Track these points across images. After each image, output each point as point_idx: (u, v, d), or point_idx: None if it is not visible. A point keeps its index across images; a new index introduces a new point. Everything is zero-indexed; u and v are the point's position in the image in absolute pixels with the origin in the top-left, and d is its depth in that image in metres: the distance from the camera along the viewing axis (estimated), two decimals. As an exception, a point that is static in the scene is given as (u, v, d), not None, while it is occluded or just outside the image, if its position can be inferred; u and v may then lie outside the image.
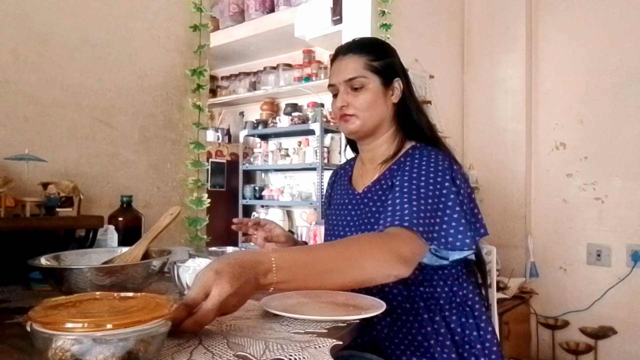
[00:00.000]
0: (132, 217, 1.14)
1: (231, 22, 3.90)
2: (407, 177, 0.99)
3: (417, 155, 1.04)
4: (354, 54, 1.12)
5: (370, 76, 1.10)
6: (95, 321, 0.50)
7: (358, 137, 1.15)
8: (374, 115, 1.11)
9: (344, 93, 1.11)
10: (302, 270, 0.76)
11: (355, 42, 1.16)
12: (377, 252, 0.83)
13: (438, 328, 1.01)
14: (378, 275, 0.84)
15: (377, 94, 1.11)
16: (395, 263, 0.84)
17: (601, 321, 2.53)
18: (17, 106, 1.22)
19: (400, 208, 0.92)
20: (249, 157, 4.07)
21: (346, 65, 1.11)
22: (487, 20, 2.88)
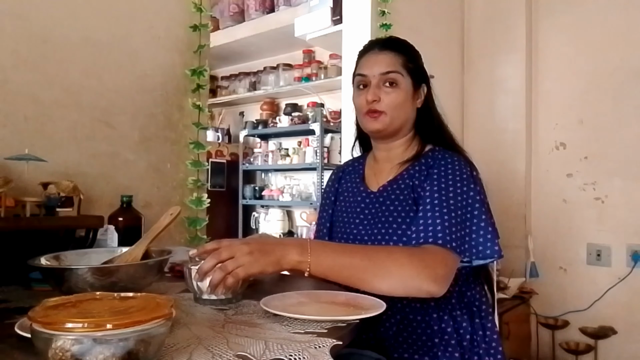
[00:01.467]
0: (132, 217, 1.14)
1: (231, 22, 3.90)
2: (436, 188, 0.99)
3: (443, 162, 1.04)
4: (392, 51, 1.11)
5: (405, 75, 1.10)
6: (95, 321, 0.50)
7: (381, 135, 1.14)
8: (401, 115, 1.10)
9: (376, 87, 1.09)
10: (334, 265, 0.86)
11: (393, 40, 1.16)
12: (411, 266, 0.87)
13: (445, 327, 1.01)
14: (409, 287, 0.88)
15: (408, 94, 1.11)
16: (428, 279, 0.87)
17: (601, 321, 2.53)
18: (17, 106, 1.22)
19: (433, 223, 0.94)
20: (249, 157, 4.07)
21: (384, 58, 1.10)
22: (487, 20, 2.88)
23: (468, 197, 0.99)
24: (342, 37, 2.33)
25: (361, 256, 0.89)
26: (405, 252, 0.91)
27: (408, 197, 1.05)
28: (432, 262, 0.90)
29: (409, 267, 0.87)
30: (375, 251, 0.92)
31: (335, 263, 0.87)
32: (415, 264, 0.88)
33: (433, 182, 1.00)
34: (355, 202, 1.16)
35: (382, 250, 0.92)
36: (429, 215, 0.96)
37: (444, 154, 1.07)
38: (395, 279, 0.87)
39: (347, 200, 1.19)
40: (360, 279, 0.87)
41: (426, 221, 0.95)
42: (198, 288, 0.84)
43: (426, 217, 0.96)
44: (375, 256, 0.89)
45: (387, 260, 0.88)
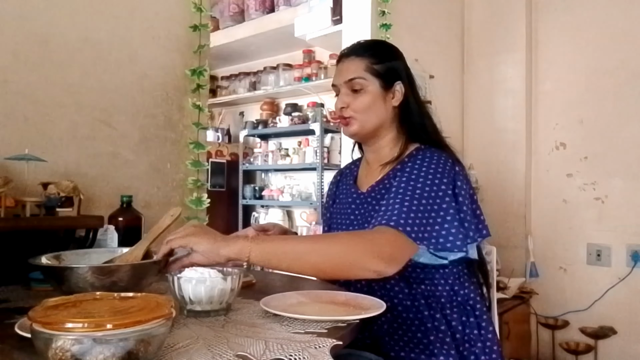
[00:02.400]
0: (132, 217, 1.14)
1: (231, 22, 3.90)
2: (405, 178, 1.00)
3: (420, 157, 1.05)
4: (357, 56, 1.14)
5: (370, 78, 1.11)
6: (95, 321, 0.50)
7: (359, 138, 1.18)
8: (372, 117, 1.12)
9: (344, 94, 1.13)
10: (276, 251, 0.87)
11: (360, 45, 1.19)
12: (356, 246, 0.88)
13: (438, 325, 1.01)
14: (354, 267, 0.88)
15: (375, 96, 1.12)
16: (374, 259, 0.87)
17: (601, 321, 2.53)
18: (17, 106, 1.22)
19: (392, 208, 0.95)
20: (249, 157, 4.07)
21: (348, 66, 1.13)
22: (487, 20, 2.88)
23: (439, 189, 0.98)
24: (342, 37, 2.33)
25: (306, 242, 0.92)
26: (351, 234, 0.94)
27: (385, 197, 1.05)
28: (379, 240, 0.90)
29: (353, 247, 0.87)
30: (321, 237, 0.94)
31: (278, 250, 0.88)
32: (360, 244, 0.88)
33: (404, 174, 1.01)
34: (347, 203, 1.19)
35: (327, 236, 0.94)
36: (390, 202, 0.96)
37: (426, 152, 1.07)
38: (339, 259, 0.87)
39: (342, 202, 1.22)
40: (303, 263, 0.87)
41: (387, 207, 0.95)
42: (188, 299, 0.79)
43: (388, 204, 0.96)
44: (319, 241, 0.93)
45: (331, 242, 0.90)
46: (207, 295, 0.78)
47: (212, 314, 0.79)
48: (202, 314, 0.79)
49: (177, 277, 0.80)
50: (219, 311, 0.80)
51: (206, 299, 0.78)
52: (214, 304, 0.79)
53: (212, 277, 0.80)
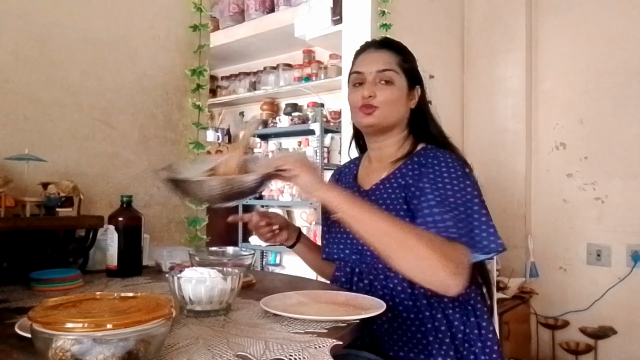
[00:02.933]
0: (132, 217, 1.14)
1: (231, 22, 3.90)
2: (435, 186, 0.99)
3: (436, 161, 1.04)
4: (389, 50, 1.15)
5: (400, 74, 1.13)
6: (95, 321, 0.50)
7: (373, 131, 1.15)
8: (394, 112, 1.12)
9: (372, 84, 1.11)
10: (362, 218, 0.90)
11: (389, 40, 1.21)
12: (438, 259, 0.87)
13: (438, 326, 1.01)
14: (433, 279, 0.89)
15: (402, 93, 1.13)
16: (453, 275, 0.88)
17: (601, 321, 2.53)
18: (17, 106, 1.22)
19: (441, 219, 0.94)
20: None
21: (380, 57, 1.13)
22: (487, 20, 2.88)
23: (466, 192, 0.99)
24: (342, 37, 2.33)
25: (391, 224, 0.90)
26: (434, 242, 0.90)
27: (399, 196, 1.05)
28: (456, 257, 0.90)
29: (436, 259, 0.87)
30: (408, 228, 0.92)
31: (365, 215, 0.90)
32: (442, 257, 0.88)
33: (430, 181, 1.00)
34: None
35: (412, 230, 0.91)
36: (435, 211, 0.95)
37: (436, 152, 1.08)
38: (421, 267, 0.88)
39: None
40: (388, 248, 0.90)
41: (433, 217, 0.94)
42: (188, 299, 0.79)
43: (432, 214, 0.95)
44: (405, 230, 0.91)
45: (418, 244, 0.88)
46: (207, 295, 0.78)
47: (212, 314, 0.79)
48: (202, 314, 0.79)
49: (177, 277, 0.79)
50: (219, 311, 0.80)
51: (206, 299, 0.78)
52: (214, 304, 0.79)
53: (212, 277, 0.80)
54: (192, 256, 1.03)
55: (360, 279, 1.10)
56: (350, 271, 1.12)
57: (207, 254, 1.13)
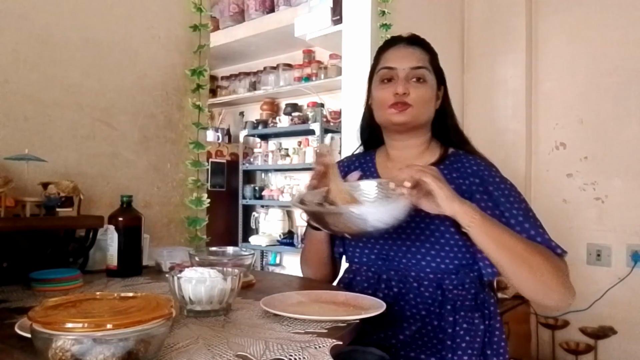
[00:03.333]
0: (132, 217, 1.14)
1: (231, 22, 3.90)
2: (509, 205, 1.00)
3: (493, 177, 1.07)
4: (420, 47, 1.12)
5: (431, 73, 1.11)
6: (95, 321, 0.50)
7: (405, 129, 1.10)
8: (425, 112, 1.10)
9: (406, 80, 1.07)
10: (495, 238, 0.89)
11: (418, 37, 1.16)
12: (563, 282, 0.92)
13: (459, 330, 0.99)
14: (560, 302, 0.93)
15: (433, 92, 1.11)
16: (572, 296, 0.93)
17: (601, 321, 2.53)
18: (17, 106, 1.22)
19: (541, 237, 0.96)
20: (249, 157, 4.07)
21: (412, 53, 1.10)
22: (487, 20, 2.88)
23: (527, 203, 1.03)
24: (342, 37, 2.33)
25: (523, 245, 0.91)
26: (554, 262, 0.93)
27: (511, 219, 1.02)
28: (567, 272, 0.94)
29: (560, 281, 0.91)
30: (534, 247, 0.93)
31: (497, 235, 0.89)
32: (563, 277, 0.92)
33: (500, 200, 1.01)
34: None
35: (537, 250, 0.92)
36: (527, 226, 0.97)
37: (476, 162, 1.09)
38: (539, 279, 0.90)
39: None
40: (514, 266, 0.90)
41: (529, 233, 0.96)
42: (188, 299, 0.79)
43: (526, 229, 0.97)
44: (534, 252, 0.91)
45: (544, 264, 0.90)
46: (207, 295, 0.78)
47: (212, 314, 0.79)
48: (202, 314, 0.79)
49: (177, 277, 0.79)
50: (219, 311, 0.80)
51: (206, 299, 0.78)
52: (214, 304, 0.79)
53: (212, 277, 0.79)
54: (192, 256, 1.03)
55: (387, 286, 1.06)
56: (373, 276, 1.09)
57: (207, 254, 1.12)
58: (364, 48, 2.19)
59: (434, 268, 1.03)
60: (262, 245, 3.78)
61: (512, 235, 0.92)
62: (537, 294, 0.93)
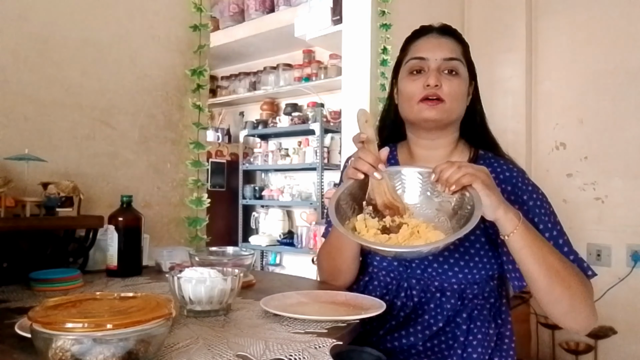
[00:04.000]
0: (132, 217, 1.14)
1: (231, 22, 3.90)
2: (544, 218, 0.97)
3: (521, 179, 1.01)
4: (453, 38, 1.04)
5: (465, 65, 1.03)
6: (95, 321, 0.50)
7: (435, 126, 1.02)
8: (458, 108, 1.01)
9: (438, 71, 0.98)
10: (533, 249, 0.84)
11: (451, 27, 1.07)
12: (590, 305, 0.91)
13: (472, 340, 0.97)
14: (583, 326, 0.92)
15: (466, 86, 1.02)
16: (594, 315, 0.92)
17: (601, 321, 2.52)
18: (17, 106, 1.22)
19: (574, 256, 0.95)
20: (249, 157, 4.07)
21: (445, 43, 1.02)
22: (487, 20, 2.88)
23: (553, 211, 1.00)
24: (342, 37, 2.33)
25: (560, 262, 0.87)
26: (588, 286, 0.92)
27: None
28: (593, 299, 0.93)
29: (588, 303, 0.90)
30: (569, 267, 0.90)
31: (536, 246, 0.85)
32: (592, 302, 0.91)
33: (535, 211, 0.98)
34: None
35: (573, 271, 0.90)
36: (560, 242, 0.95)
37: (508, 167, 1.04)
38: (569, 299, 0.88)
39: None
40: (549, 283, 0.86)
41: (562, 249, 0.94)
42: (188, 299, 0.79)
43: (560, 245, 0.95)
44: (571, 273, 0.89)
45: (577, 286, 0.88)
46: (207, 295, 0.78)
47: (212, 314, 0.79)
48: (202, 314, 0.79)
49: (177, 277, 0.79)
50: (219, 311, 0.80)
51: (206, 299, 0.78)
52: (214, 304, 0.79)
53: (212, 277, 0.79)
54: (192, 256, 1.03)
55: (408, 295, 1.01)
56: (392, 282, 1.03)
57: (207, 254, 1.12)
58: (364, 48, 2.19)
59: (459, 279, 0.99)
60: (262, 245, 3.78)
61: (551, 250, 0.88)
62: (565, 315, 0.89)
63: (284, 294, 0.90)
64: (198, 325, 0.74)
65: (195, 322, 0.76)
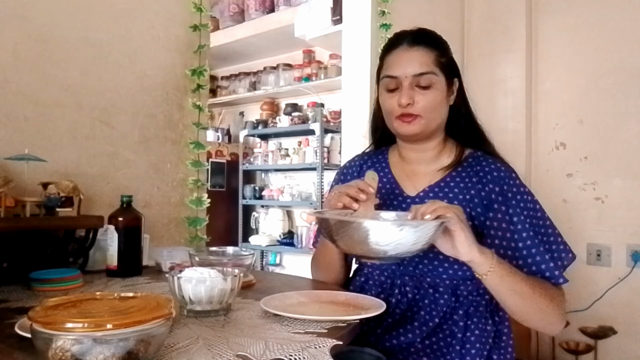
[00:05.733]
0: (132, 217, 1.14)
1: (231, 22, 3.90)
2: (522, 218, 0.98)
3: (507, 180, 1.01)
4: (424, 47, 1.02)
5: (439, 74, 1.02)
6: (95, 321, 0.50)
7: (416, 139, 1.06)
8: (437, 117, 1.04)
9: (409, 89, 1.00)
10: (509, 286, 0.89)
11: (423, 34, 1.05)
12: (558, 313, 0.94)
13: (469, 336, 0.98)
14: (550, 330, 0.98)
15: (442, 94, 1.03)
16: (562, 323, 0.96)
17: (601, 321, 2.52)
18: (17, 106, 1.22)
19: (542, 260, 0.96)
20: (249, 157, 4.07)
21: (416, 57, 1.01)
22: (487, 20, 2.88)
23: (537, 213, 1.00)
24: (342, 37, 2.33)
25: (532, 288, 0.91)
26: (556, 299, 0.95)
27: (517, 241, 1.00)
28: (564, 304, 0.96)
29: (559, 316, 0.95)
30: (540, 289, 0.93)
31: (511, 283, 0.89)
32: (561, 312, 0.95)
33: (516, 211, 0.98)
34: (390, 205, 1.07)
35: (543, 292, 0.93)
36: (533, 252, 0.96)
37: (496, 166, 1.04)
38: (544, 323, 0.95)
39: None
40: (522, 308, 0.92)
41: (534, 258, 0.96)
42: (188, 299, 0.79)
43: (533, 256, 0.96)
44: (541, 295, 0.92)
45: (549, 306, 0.92)
46: (207, 295, 0.78)
47: (212, 314, 0.79)
48: (202, 314, 0.79)
49: (177, 277, 0.79)
50: (219, 311, 0.80)
51: (206, 299, 0.78)
52: (214, 304, 0.79)
53: (212, 277, 0.79)
54: (192, 256, 1.03)
55: (402, 292, 1.03)
56: (386, 281, 1.05)
57: (207, 254, 1.12)
58: (364, 48, 2.19)
59: (450, 275, 1.01)
60: (262, 245, 3.78)
61: (524, 280, 0.91)
62: (538, 328, 0.98)
63: (284, 294, 0.90)
64: (198, 325, 0.74)
65: (195, 322, 0.76)
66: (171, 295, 0.79)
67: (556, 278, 0.95)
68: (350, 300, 0.90)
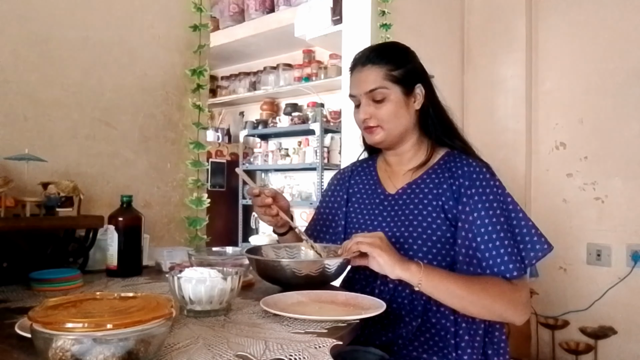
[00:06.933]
0: (132, 217, 1.14)
1: (231, 22, 3.91)
2: (483, 213, 1.01)
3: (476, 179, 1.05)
4: (374, 65, 1.11)
5: (391, 87, 1.10)
6: (95, 321, 0.50)
7: (384, 146, 1.16)
8: (397, 125, 1.11)
9: (366, 105, 1.11)
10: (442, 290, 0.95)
11: (374, 51, 1.15)
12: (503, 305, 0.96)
13: (458, 329, 1.01)
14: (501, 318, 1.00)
15: (399, 104, 1.11)
16: (519, 315, 0.98)
17: (601, 321, 2.53)
18: (17, 106, 1.22)
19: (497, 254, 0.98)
20: (249, 157, 4.07)
21: (366, 76, 1.11)
22: (487, 19, 2.88)
23: (509, 206, 1.03)
24: (342, 37, 2.33)
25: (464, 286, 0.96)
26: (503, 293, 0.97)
27: (429, 204, 1.07)
28: (520, 298, 0.98)
29: (507, 311, 0.97)
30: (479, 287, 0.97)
31: (443, 286, 0.95)
32: (510, 306, 0.97)
33: (477, 206, 1.01)
34: (373, 203, 1.16)
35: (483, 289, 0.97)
36: (490, 246, 0.99)
37: (467, 162, 1.09)
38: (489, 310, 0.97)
39: (362, 202, 1.19)
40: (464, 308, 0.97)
41: (491, 253, 0.99)
42: (188, 299, 0.79)
43: (489, 250, 0.99)
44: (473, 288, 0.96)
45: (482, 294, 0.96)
46: (207, 295, 0.78)
47: (212, 314, 0.79)
48: (202, 314, 0.79)
49: (177, 277, 0.79)
50: (219, 311, 0.80)
51: (206, 299, 0.78)
52: (214, 304, 0.79)
53: (212, 277, 0.79)
54: (192, 256, 1.03)
55: (383, 282, 1.07)
56: (371, 274, 1.07)
57: (207, 254, 1.12)
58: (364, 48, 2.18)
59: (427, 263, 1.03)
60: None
61: (461, 282, 0.96)
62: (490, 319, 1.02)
63: (284, 294, 0.90)
64: (198, 325, 0.74)
65: (195, 322, 0.76)
66: (171, 295, 0.79)
67: (510, 272, 0.97)
68: (350, 300, 0.90)
